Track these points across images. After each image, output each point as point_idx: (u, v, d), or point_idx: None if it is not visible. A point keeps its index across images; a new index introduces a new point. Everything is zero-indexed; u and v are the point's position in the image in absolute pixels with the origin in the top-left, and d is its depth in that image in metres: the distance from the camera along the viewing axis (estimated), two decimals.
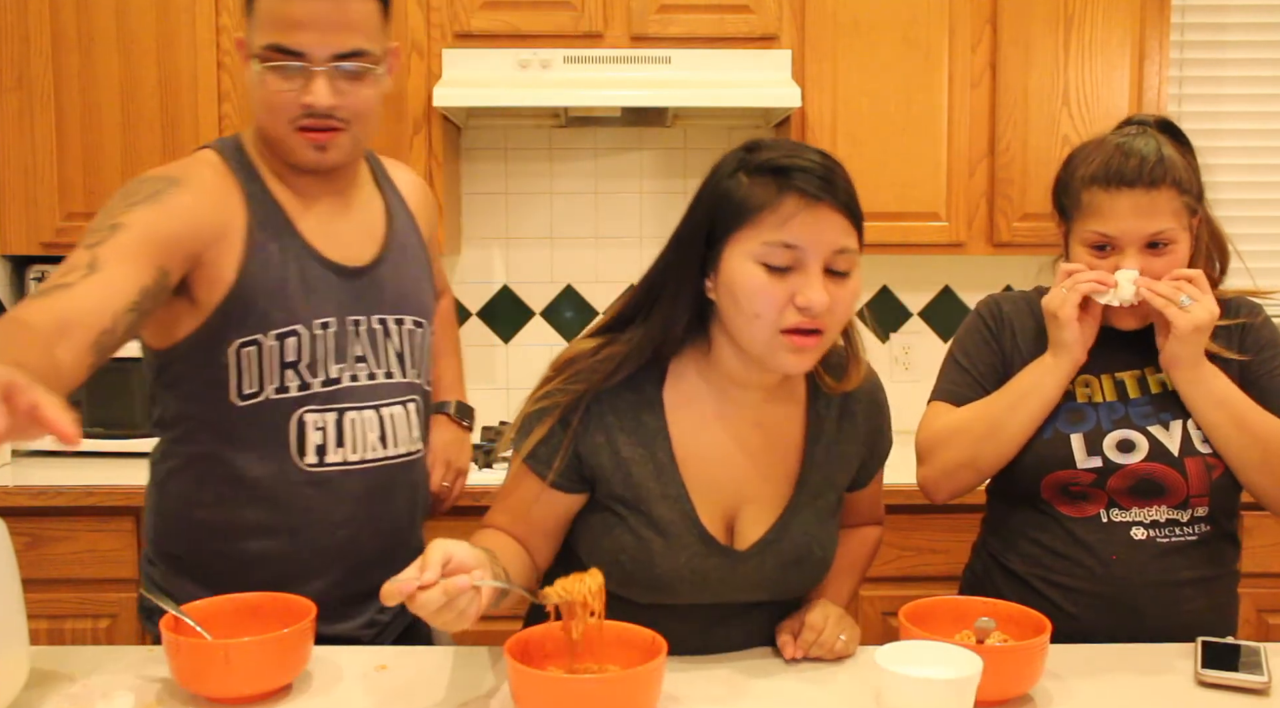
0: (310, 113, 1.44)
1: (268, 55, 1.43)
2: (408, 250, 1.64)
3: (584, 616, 1.23)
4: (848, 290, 1.29)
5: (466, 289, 3.13)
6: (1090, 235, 1.52)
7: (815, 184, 1.25)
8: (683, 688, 1.31)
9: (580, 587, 1.24)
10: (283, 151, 1.50)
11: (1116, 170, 1.49)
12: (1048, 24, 2.75)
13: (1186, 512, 1.53)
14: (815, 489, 1.42)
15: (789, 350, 1.27)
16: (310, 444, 1.50)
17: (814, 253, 1.25)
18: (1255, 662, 1.34)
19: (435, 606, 1.11)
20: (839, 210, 1.26)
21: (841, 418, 1.45)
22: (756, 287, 1.25)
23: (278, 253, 1.48)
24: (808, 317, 1.25)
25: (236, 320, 1.45)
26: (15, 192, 2.70)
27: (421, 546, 1.70)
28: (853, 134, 2.75)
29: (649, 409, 1.37)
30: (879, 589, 2.54)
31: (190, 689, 1.27)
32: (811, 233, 1.25)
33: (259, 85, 1.46)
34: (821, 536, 1.41)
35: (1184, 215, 1.51)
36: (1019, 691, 1.28)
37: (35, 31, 2.67)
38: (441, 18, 2.71)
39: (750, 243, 1.26)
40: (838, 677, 1.35)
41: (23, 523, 2.40)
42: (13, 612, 1.25)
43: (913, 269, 3.15)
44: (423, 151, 2.73)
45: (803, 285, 1.24)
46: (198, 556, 1.54)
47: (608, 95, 2.68)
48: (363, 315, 1.54)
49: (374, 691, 1.32)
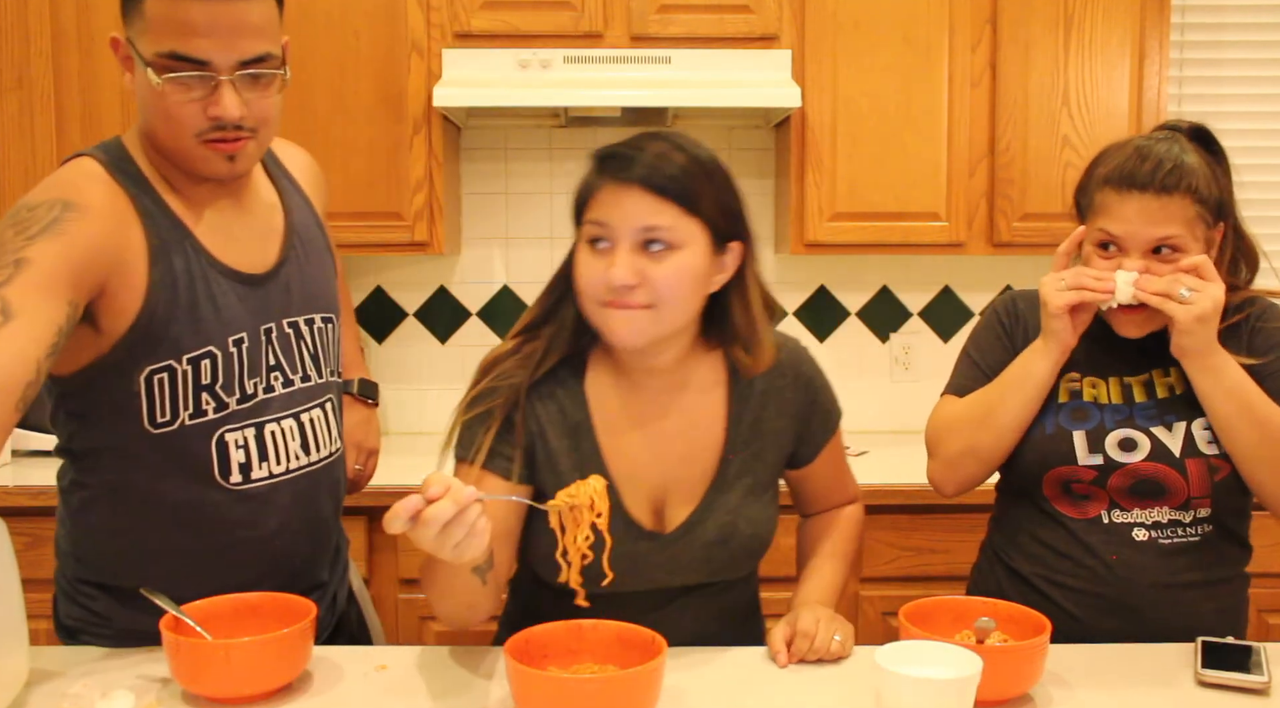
0: (219, 125, 1.34)
1: (167, 64, 1.30)
2: (309, 244, 1.56)
3: (590, 517, 1.25)
4: (666, 266, 1.33)
5: (466, 289, 3.13)
6: (1097, 234, 1.53)
7: (621, 167, 1.33)
8: (683, 687, 1.31)
9: (585, 489, 1.26)
10: (185, 163, 1.39)
11: (1129, 173, 1.49)
12: (1048, 24, 2.75)
13: (1188, 513, 1.53)
14: (740, 468, 1.44)
15: (609, 319, 1.34)
16: (233, 463, 1.43)
17: (621, 231, 1.32)
18: (1255, 662, 1.34)
19: (447, 516, 1.10)
20: (648, 191, 1.32)
21: (767, 395, 1.47)
22: (581, 264, 1.36)
23: (183, 272, 1.38)
24: (612, 293, 1.32)
25: (146, 347, 1.36)
26: (15, 192, 2.70)
27: (342, 535, 1.69)
28: (853, 134, 2.75)
29: (572, 401, 1.42)
30: (879, 589, 2.55)
31: (190, 689, 1.27)
32: (617, 212, 1.32)
33: (155, 96, 1.33)
34: (749, 511, 1.43)
35: (1197, 225, 1.49)
36: (1019, 691, 1.28)
37: (35, 31, 2.67)
38: (441, 18, 2.71)
39: (584, 226, 1.37)
40: (838, 677, 1.35)
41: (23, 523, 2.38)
42: (13, 612, 1.25)
43: (913, 269, 3.15)
44: (423, 151, 2.73)
45: (612, 262, 1.32)
46: (123, 582, 1.45)
47: (608, 95, 2.68)
48: (273, 322, 1.47)
49: (374, 691, 1.32)
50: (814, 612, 1.42)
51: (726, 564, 1.44)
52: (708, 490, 1.43)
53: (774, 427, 1.47)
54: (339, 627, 1.65)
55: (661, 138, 1.36)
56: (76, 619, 1.50)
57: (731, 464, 1.44)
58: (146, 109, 1.38)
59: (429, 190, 2.75)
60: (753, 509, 1.44)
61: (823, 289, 3.16)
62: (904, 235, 2.79)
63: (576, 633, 1.28)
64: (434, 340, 3.14)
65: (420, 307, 3.13)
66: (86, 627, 1.49)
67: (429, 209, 2.75)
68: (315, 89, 2.69)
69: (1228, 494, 1.53)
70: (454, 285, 3.14)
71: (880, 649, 1.19)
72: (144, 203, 1.39)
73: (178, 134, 1.36)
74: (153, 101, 1.35)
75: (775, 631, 1.41)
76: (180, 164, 1.40)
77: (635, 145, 1.35)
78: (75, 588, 1.51)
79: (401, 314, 3.12)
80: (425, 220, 2.75)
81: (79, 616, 1.50)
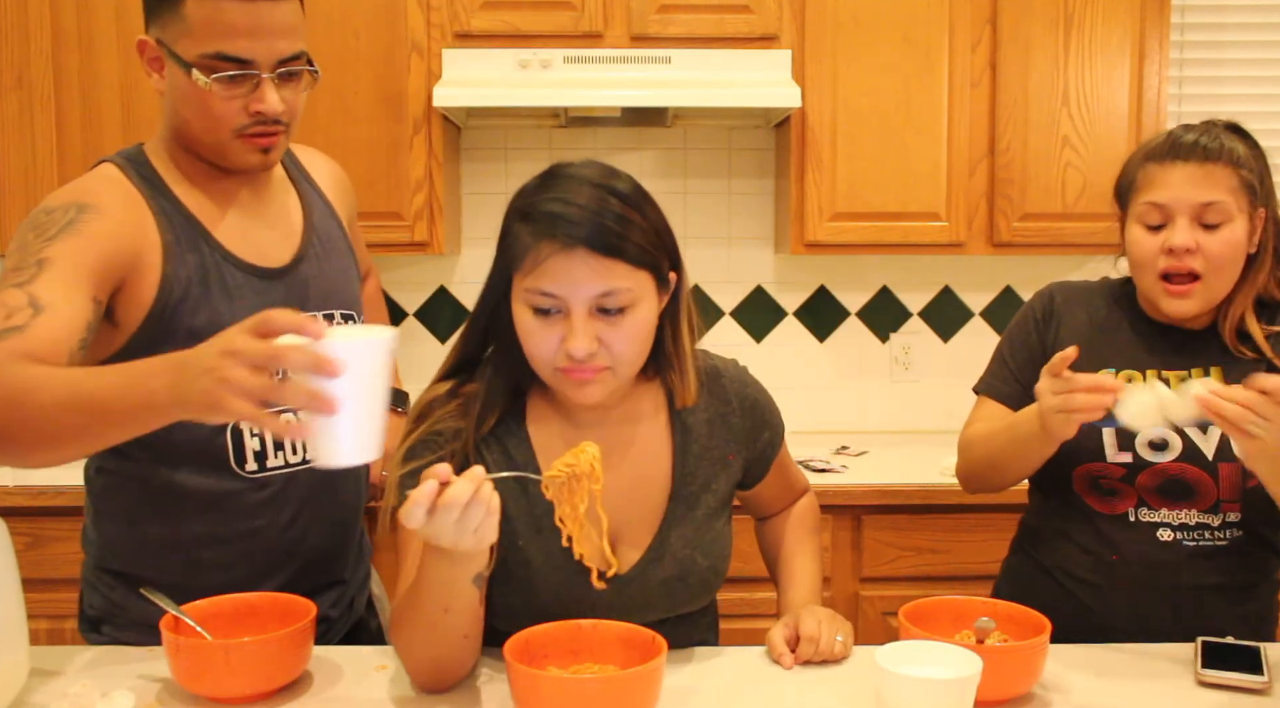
0: (260, 120, 1.41)
1: (213, 65, 1.37)
2: (329, 243, 1.59)
3: (589, 486, 1.23)
4: (623, 328, 1.27)
5: (466, 289, 3.13)
6: (1143, 208, 1.53)
7: (568, 230, 1.23)
8: (683, 687, 1.31)
9: (583, 457, 1.24)
10: (219, 157, 1.45)
11: (1171, 146, 1.52)
12: (1048, 24, 2.75)
13: (1217, 516, 1.52)
14: (691, 500, 1.40)
15: (571, 387, 1.29)
16: (248, 451, 1.47)
17: (575, 299, 1.25)
18: (1255, 662, 1.34)
19: (466, 496, 1.09)
20: (598, 253, 1.23)
21: (711, 423, 1.43)
22: (528, 331, 1.28)
23: (197, 266, 1.43)
24: (573, 363, 1.26)
25: (162, 337, 1.39)
26: (15, 191, 2.70)
27: (366, 537, 1.70)
28: (853, 134, 2.75)
29: (516, 443, 1.38)
30: (879, 589, 2.55)
31: (190, 689, 1.27)
32: (568, 283, 1.24)
33: (196, 94, 1.39)
34: (704, 543, 1.40)
35: (1241, 196, 1.50)
36: (1019, 691, 1.28)
37: (35, 31, 2.67)
38: (441, 18, 2.71)
39: (521, 289, 1.28)
40: (838, 677, 1.35)
41: (23, 523, 2.40)
42: (13, 612, 1.25)
43: (913, 269, 3.15)
44: (423, 151, 2.73)
45: (568, 332, 1.25)
46: (146, 569, 1.47)
47: (608, 95, 2.68)
48: None
49: (374, 691, 1.32)
50: (814, 614, 1.41)
51: (685, 600, 1.41)
52: (660, 526, 1.39)
53: (722, 454, 1.43)
54: (355, 634, 1.65)
55: (587, 181, 1.27)
56: (98, 609, 1.53)
57: (682, 497, 1.40)
58: (183, 106, 1.42)
59: (429, 190, 2.75)
60: (707, 540, 1.40)
61: (823, 289, 3.17)
62: (904, 235, 2.79)
63: (576, 633, 1.28)
64: (434, 340, 3.14)
65: (420, 307, 3.13)
66: (108, 617, 1.52)
67: (429, 209, 2.75)
68: (315, 89, 2.66)
69: (1261, 500, 1.50)
70: (454, 285, 3.14)
71: (880, 649, 1.19)
72: (160, 202, 1.44)
73: (216, 129, 1.41)
74: (193, 98, 1.40)
75: (774, 632, 1.40)
76: (214, 158, 1.45)
77: (564, 197, 1.25)
78: (98, 577, 1.54)
79: (401, 314, 3.12)
80: (425, 220, 2.75)
81: (100, 606, 1.53)
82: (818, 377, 3.17)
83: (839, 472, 2.63)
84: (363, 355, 1.06)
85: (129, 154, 1.49)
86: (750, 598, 1.65)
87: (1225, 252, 1.49)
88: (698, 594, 1.42)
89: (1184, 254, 1.49)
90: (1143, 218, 1.53)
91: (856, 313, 3.18)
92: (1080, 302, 1.65)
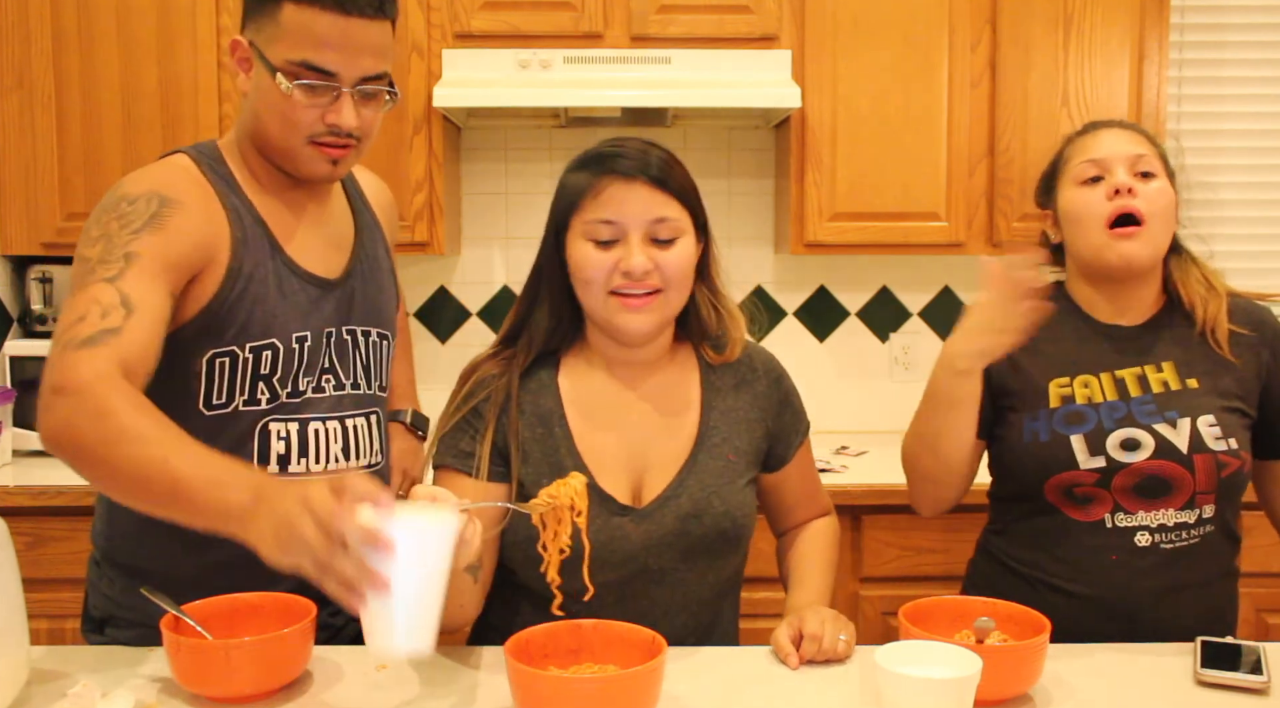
0: (334, 132, 1.44)
1: (297, 72, 1.41)
2: (375, 261, 1.63)
3: (570, 518, 1.28)
4: (674, 254, 1.41)
5: (466, 289, 3.13)
6: (1078, 169, 1.59)
7: (626, 165, 1.41)
8: (683, 687, 1.31)
9: (565, 489, 1.30)
10: (288, 162, 1.48)
11: (1092, 124, 1.66)
12: (1047, 24, 2.75)
13: (1194, 512, 1.52)
14: (715, 446, 1.49)
15: (621, 310, 1.41)
16: (273, 453, 1.48)
17: (632, 224, 1.40)
18: (1255, 662, 1.34)
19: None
20: (652, 185, 1.40)
21: (739, 386, 1.54)
22: (586, 259, 1.41)
23: (259, 265, 1.46)
24: (631, 279, 1.40)
25: (214, 332, 1.43)
26: (16, 192, 2.70)
27: None
28: (853, 134, 2.75)
29: (546, 393, 1.48)
30: (879, 589, 2.55)
31: (190, 689, 1.27)
32: (626, 207, 1.40)
33: (277, 98, 1.42)
34: (724, 492, 1.46)
35: (1160, 160, 1.60)
36: (1019, 690, 1.28)
37: (36, 32, 2.67)
38: (441, 18, 2.71)
39: (580, 225, 1.42)
40: (838, 677, 1.35)
41: (23, 523, 2.40)
42: (13, 612, 1.25)
43: (912, 269, 3.15)
44: (423, 151, 2.73)
45: (624, 254, 1.39)
46: (155, 565, 1.48)
47: (608, 95, 2.68)
48: (333, 327, 1.53)
49: (374, 691, 1.32)
50: (818, 614, 1.42)
51: (702, 544, 1.44)
52: (682, 467, 1.46)
53: (745, 416, 1.52)
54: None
55: (636, 140, 1.45)
56: (102, 610, 1.54)
57: (707, 442, 1.48)
58: (263, 109, 1.45)
59: (429, 190, 2.75)
60: (726, 490, 1.46)
61: (823, 289, 3.17)
62: (904, 235, 2.79)
63: (576, 633, 1.28)
64: (434, 340, 3.14)
65: (420, 307, 3.13)
66: (110, 618, 1.52)
67: (429, 209, 2.75)
68: None
69: (1234, 490, 1.54)
70: (454, 285, 3.14)
71: (880, 649, 1.20)
72: (231, 200, 1.47)
73: (290, 135, 1.45)
74: (274, 102, 1.43)
75: (779, 632, 1.41)
76: (283, 163, 1.49)
77: (622, 146, 1.43)
78: (103, 572, 1.55)
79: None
80: (425, 220, 2.75)
81: (104, 606, 1.53)
82: (818, 377, 3.17)
83: (839, 472, 2.64)
84: (424, 539, 1.07)
85: (202, 148, 1.52)
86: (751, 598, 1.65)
87: (1161, 200, 1.55)
88: (714, 541, 1.45)
89: (1128, 193, 1.54)
90: (1079, 176, 1.59)
91: (856, 313, 3.18)
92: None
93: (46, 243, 2.72)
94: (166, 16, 2.67)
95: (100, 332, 1.26)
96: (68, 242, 2.68)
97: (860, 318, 3.18)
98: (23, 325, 2.88)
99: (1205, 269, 1.61)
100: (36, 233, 2.71)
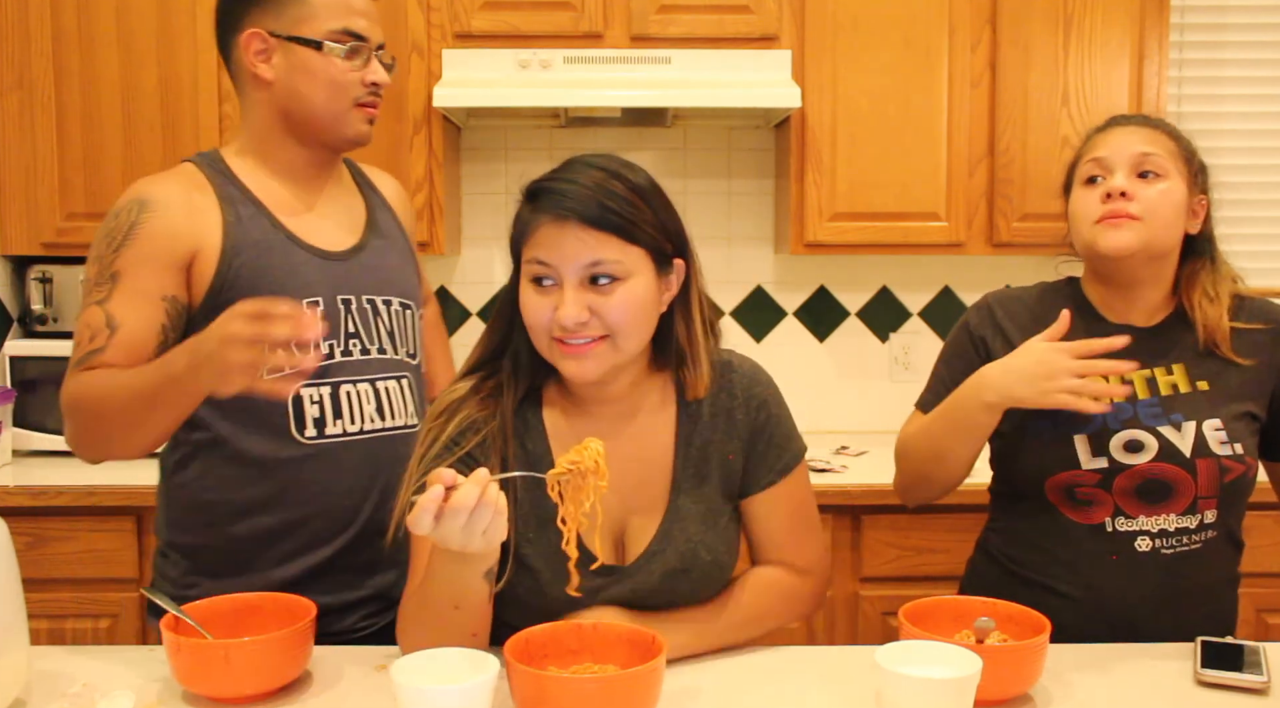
0: (374, 91, 1.61)
1: (342, 38, 1.57)
2: (390, 239, 1.71)
3: (595, 483, 1.23)
4: (617, 300, 1.30)
5: (466, 289, 3.13)
6: (1084, 168, 1.58)
7: (559, 203, 1.30)
8: (683, 688, 1.31)
9: (587, 453, 1.24)
10: (332, 129, 1.60)
11: (1111, 119, 1.63)
12: (1047, 24, 2.75)
13: (1195, 517, 1.51)
14: (690, 490, 1.40)
15: (564, 358, 1.33)
16: (308, 417, 1.56)
17: (566, 270, 1.30)
18: (1255, 662, 1.34)
19: (471, 500, 1.11)
20: (586, 226, 1.29)
21: (715, 416, 1.43)
22: (527, 303, 1.34)
23: (258, 242, 1.55)
24: (563, 331, 1.30)
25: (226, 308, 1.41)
26: (16, 192, 2.70)
27: None
28: (853, 134, 2.75)
29: (534, 436, 1.40)
30: (879, 589, 2.55)
31: (190, 689, 1.27)
32: (556, 252, 1.30)
33: (325, 67, 1.56)
34: (709, 540, 1.39)
35: (1180, 160, 1.55)
36: (1019, 690, 1.28)
37: (36, 31, 2.67)
38: (441, 18, 2.71)
39: (525, 262, 1.34)
40: (838, 677, 1.35)
41: (23, 523, 2.40)
42: (13, 612, 1.25)
43: (912, 269, 3.15)
44: (423, 151, 2.74)
45: (559, 301, 1.30)
46: (209, 541, 1.58)
47: (608, 95, 2.68)
48: (351, 295, 1.61)
49: (374, 691, 1.32)
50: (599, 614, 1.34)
51: (688, 594, 1.40)
52: (664, 519, 1.39)
53: (721, 449, 1.42)
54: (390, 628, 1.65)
55: (594, 166, 1.33)
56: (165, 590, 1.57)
57: (682, 487, 1.40)
58: (303, 84, 1.57)
59: (429, 190, 2.75)
60: (711, 536, 1.39)
61: (823, 289, 3.17)
62: (904, 235, 2.79)
63: (576, 633, 1.28)
64: None
65: None
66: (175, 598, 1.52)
67: (429, 209, 2.75)
68: None
69: (1236, 495, 1.52)
70: (454, 285, 3.14)
71: (880, 649, 1.20)
72: (228, 190, 1.57)
73: (339, 98, 1.59)
74: (319, 70, 1.57)
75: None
76: (325, 132, 1.61)
77: (568, 177, 1.32)
78: (168, 561, 1.63)
79: None
80: (425, 220, 2.75)
81: (170, 593, 1.55)
82: (818, 377, 3.17)
83: (839, 472, 2.63)
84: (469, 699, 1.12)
85: (205, 153, 1.64)
86: None
87: (1161, 200, 1.52)
88: (701, 589, 1.41)
89: (1119, 197, 1.52)
90: (1083, 175, 1.58)
91: (856, 313, 3.18)
92: (1023, 309, 1.64)
93: (46, 243, 2.72)
94: (166, 16, 2.67)
95: (89, 353, 1.46)
96: (68, 242, 2.69)
97: (860, 318, 3.18)
98: (23, 325, 2.88)
99: (1215, 277, 1.58)
100: (36, 233, 2.71)
